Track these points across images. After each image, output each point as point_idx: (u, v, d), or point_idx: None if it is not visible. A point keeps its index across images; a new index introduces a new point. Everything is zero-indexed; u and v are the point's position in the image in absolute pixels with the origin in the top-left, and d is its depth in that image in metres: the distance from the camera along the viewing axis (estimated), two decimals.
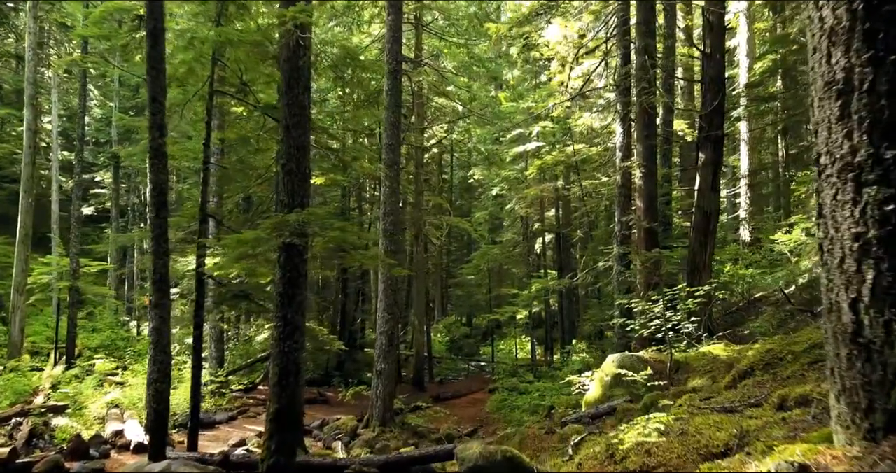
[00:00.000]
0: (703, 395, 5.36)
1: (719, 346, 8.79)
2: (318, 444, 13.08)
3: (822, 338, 5.89)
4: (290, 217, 6.43)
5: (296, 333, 6.88)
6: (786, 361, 5.39)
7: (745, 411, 4.02)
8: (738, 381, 5.67)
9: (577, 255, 27.10)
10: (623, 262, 12.98)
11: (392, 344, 14.53)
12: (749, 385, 5.15)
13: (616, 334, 12.69)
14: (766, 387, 4.86)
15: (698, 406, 4.76)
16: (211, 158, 15.12)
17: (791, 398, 3.50)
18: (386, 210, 14.46)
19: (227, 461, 8.04)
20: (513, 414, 16.57)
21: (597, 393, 8.83)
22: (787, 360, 5.39)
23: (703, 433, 3.43)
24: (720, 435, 3.28)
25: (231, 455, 8.38)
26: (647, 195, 12.68)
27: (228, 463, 8.08)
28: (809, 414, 3.13)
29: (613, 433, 4.52)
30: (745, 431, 3.20)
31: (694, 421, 3.79)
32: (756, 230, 24.15)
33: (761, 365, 5.59)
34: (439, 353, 30.16)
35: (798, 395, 3.48)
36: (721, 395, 5.11)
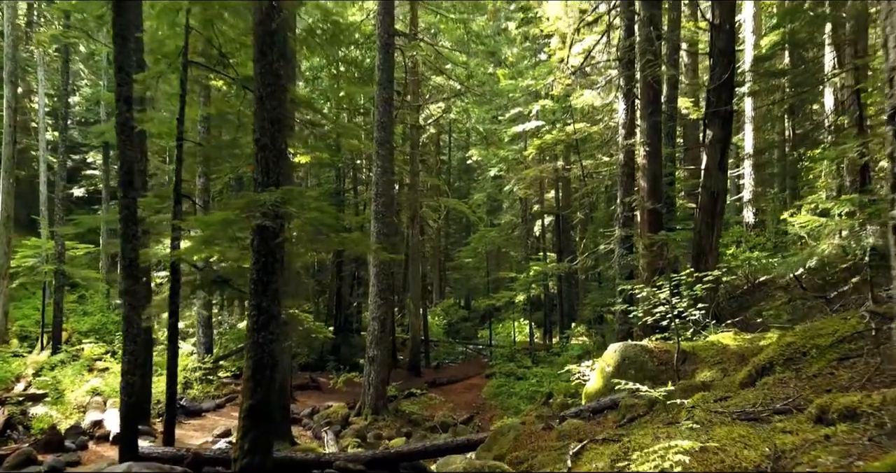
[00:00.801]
0: (718, 394, 4.82)
1: (728, 335, 8.25)
2: (308, 433, 12.62)
3: (849, 331, 5.34)
4: (261, 196, 5.84)
5: (271, 323, 6.32)
6: (810, 356, 4.84)
7: (772, 419, 3.47)
8: (756, 378, 5.12)
9: (576, 238, 26.54)
10: (625, 245, 12.41)
11: (385, 330, 14.02)
12: (770, 384, 4.60)
13: (617, 320, 12.17)
14: (790, 387, 4.31)
15: (714, 408, 4.21)
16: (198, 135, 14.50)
17: (834, 409, 2.95)
18: (378, 191, 13.87)
19: (198, 460, 7.53)
20: (510, 401, 16.12)
21: (597, 384, 8.30)
22: (812, 355, 4.84)
23: (728, 450, 2.89)
24: (749, 455, 2.74)
25: (204, 454, 7.88)
26: (651, 174, 12.07)
27: (200, 461, 7.58)
28: (862, 433, 2.58)
29: (618, 443, 3.97)
30: (779, 451, 2.66)
31: (714, 433, 3.24)
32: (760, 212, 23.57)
33: (781, 360, 5.04)
34: (437, 336, 29.72)
35: (843, 407, 2.93)
36: (738, 395, 4.56)
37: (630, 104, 12.81)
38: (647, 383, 7.74)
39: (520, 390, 16.45)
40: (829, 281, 10.32)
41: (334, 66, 23.48)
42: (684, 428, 3.58)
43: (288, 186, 6.06)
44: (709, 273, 7.90)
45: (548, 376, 16.71)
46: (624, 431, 5.18)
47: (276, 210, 5.94)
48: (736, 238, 20.60)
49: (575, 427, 6.81)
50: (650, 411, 6.33)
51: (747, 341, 7.73)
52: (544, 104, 21.12)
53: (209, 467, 7.91)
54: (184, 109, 8.71)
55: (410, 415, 14.56)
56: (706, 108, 11.82)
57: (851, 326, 4.91)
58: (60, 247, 18.80)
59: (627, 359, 8.00)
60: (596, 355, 16.55)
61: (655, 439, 3.58)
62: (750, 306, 13.78)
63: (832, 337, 4.89)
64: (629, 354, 8.03)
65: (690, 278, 7.95)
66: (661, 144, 12.71)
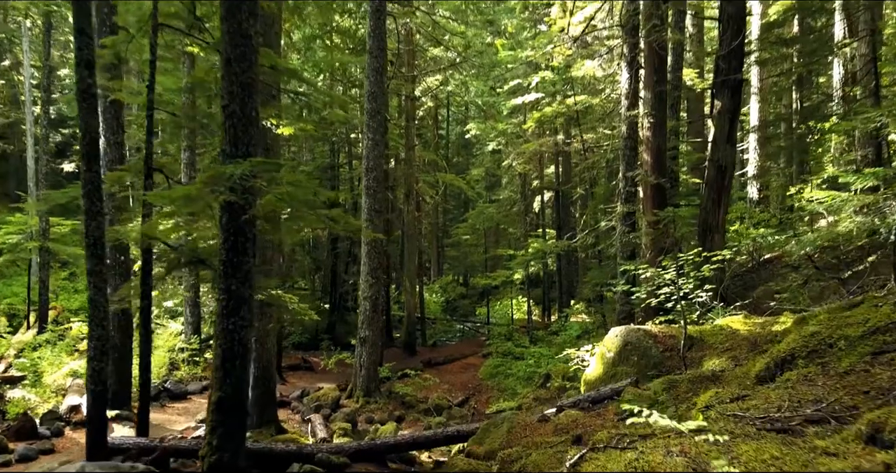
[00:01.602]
0: (733, 390, 4.28)
1: (737, 319, 7.72)
2: (296, 417, 12.19)
3: (883, 320, 4.80)
4: (226, 169, 5.25)
5: (242, 308, 5.78)
6: (837, 348, 4.30)
7: (805, 431, 2.93)
8: (776, 372, 4.59)
9: (576, 214, 25.96)
10: (627, 222, 11.83)
11: (377, 310, 13.52)
12: (794, 381, 4.07)
13: (619, 300, 11.65)
14: (818, 386, 3.78)
15: (731, 410, 3.67)
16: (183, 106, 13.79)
17: (891, 427, 2.41)
18: (369, 165, 13.24)
19: (164, 455, 7.05)
20: (506, 382, 15.70)
21: (597, 371, 7.80)
22: (840, 347, 4.30)
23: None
24: None
25: (179, 445, 7.40)
26: (656, 147, 11.45)
27: (170, 454, 7.11)
28: None
29: (623, 452, 3.44)
30: None
31: (740, 450, 2.71)
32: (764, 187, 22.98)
33: (804, 352, 4.50)
34: (434, 314, 29.30)
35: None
36: (757, 394, 4.03)
37: (634, 73, 12.12)
38: (651, 371, 7.25)
39: (517, 371, 16.02)
40: (843, 259, 9.77)
41: (327, 36, 22.67)
42: (701, 440, 3.04)
43: (259, 158, 5.45)
44: (717, 253, 7.34)
45: (545, 356, 16.28)
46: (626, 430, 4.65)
47: (244, 184, 5.35)
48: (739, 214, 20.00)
49: (573, 419, 6.31)
50: (655, 404, 5.82)
51: (758, 326, 7.20)
52: (544, 75, 20.35)
53: (184, 459, 7.46)
54: (154, 76, 8.05)
55: (404, 397, 14.13)
56: (714, 77, 11.15)
57: (885, 315, 4.37)
58: (45, 224, 18.24)
59: (630, 345, 7.48)
60: (595, 335, 16.14)
61: (668, 454, 3.05)
62: (756, 285, 13.27)
63: (863, 327, 4.35)
64: (632, 339, 7.51)
65: (698, 258, 7.39)
66: (666, 116, 12.07)
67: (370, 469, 7.12)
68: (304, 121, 9.77)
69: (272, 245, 10.32)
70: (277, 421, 10.68)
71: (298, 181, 5.64)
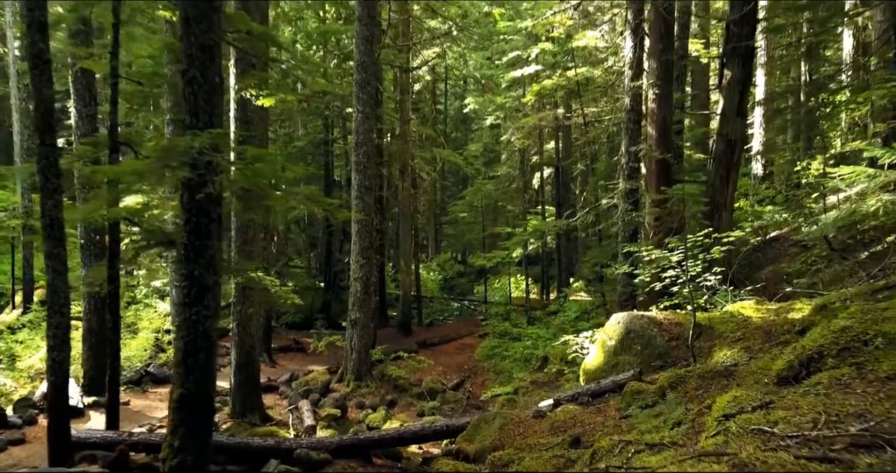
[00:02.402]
0: (754, 395, 3.73)
1: (749, 304, 7.18)
2: (284, 403, 11.73)
3: None
4: (180, 142, 4.65)
5: (206, 296, 5.22)
6: (874, 347, 3.76)
7: (855, 462, 2.39)
8: (800, 371, 4.05)
9: (576, 191, 25.33)
10: (630, 200, 11.23)
11: (368, 291, 12.99)
12: (825, 385, 3.52)
13: (620, 281, 11.10)
14: (856, 394, 3.24)
15: (756, 424, 3.13)
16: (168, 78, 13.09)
17: None
18: (359, 139, 12.59)
19: (124, 456, 6.55)
20: (503, 364, 15.24)
21: (598, 359, 7.29)
22: (877, 345, 3.76)
23: None
24: None
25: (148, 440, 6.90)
26: (661, 120, 10.80)
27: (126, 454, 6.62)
28: None
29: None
30: None
31: None
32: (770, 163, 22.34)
33: (835, 349, 3.95)
34: (432, 292, 28.84)
35: None
36: (782, 400, 3.48)
37: (638, 41, 11.41)
38: (655, 361, 6.73)
39: (514, 352, 15.56)
40: (859, 239, 9.20)
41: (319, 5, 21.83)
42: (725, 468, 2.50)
43: (220, 129, 4.84)
44: (728, 233, 6.76)
45: (543, 338, 15.80)
46: (632, 437, 4.12)
47: (203, 159, 4.76)
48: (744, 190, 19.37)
49: (571, 415, 5.80)
50: (661, 400, 5.30)
51: (772, 312, 6.66)
52: (544, 47, 19.56)
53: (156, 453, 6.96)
54: (117, 41, 7.40)
55: (397, 380, 13.68)
56: (725, 44, 10.48)
57: None
58: (27, 201, 17.65)
59: (633, 333, 6.95)
60: (595, 316, 15.66)
61: None
62: (763, 265, 12.73)
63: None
64: (635, 327, 6.98)
65: (707, 239, 6.82)
66: (671, 87, 11.40)
67: (352, 466, 6.64)
68: (285, 91, 9.11)
69: (254, 224, 9.74)
70: (262, 408, 10.23)
71: (264, 156, 5.03)
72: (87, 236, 10.46)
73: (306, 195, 5.35)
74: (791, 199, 19.67)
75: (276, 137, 26.39)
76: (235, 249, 9.67)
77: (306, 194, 5.48)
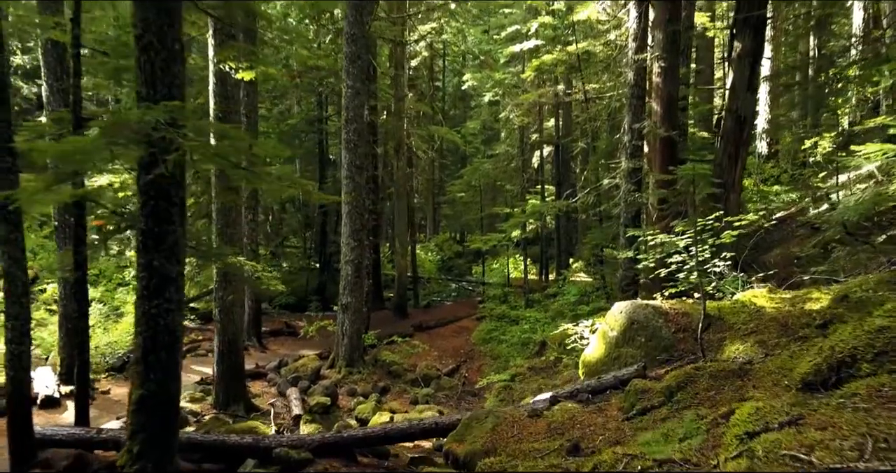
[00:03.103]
0: (779, 408, 3.25)
1: (761, 293, 6.69)
2: (272, 391, 11.31)
3: None
4: (133, 115, 4.11)
5: (168, 288, 4.73)
6: None
7: None
8: (830, 377, 3.56)
9: (577, 169, 24.74)
10: (632, 180, 10.69)
11: (360, 275, 12.51)
12: (864, 397, 3.04)
13: (621, 265, 10.62)
14: None
15: (787, 449, 2.65)
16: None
17: None
18: (349, 116, 12.01)
19: (79, 463, 6.11)
20: (500, 349, 14.83)
21: (599, 351, 6.82)
22: None
23: None
24: None
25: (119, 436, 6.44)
26: (666, 95, 10.23)
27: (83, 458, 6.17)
28: None
29: None
30: None
31: None
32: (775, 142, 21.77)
33: (870, 353, 3.46)
34: (429, 273, 28.40)
35: None
36: (815, 415, 3.00)
37: (644, 11, 10.78)
38: (660, 355, 6.26)
39: (511, 336, 15.14)
40: (876, 222, 8.68)
41: None
42: None
43: (177, 102, 4.30)
44: (742, 217, 6.24)
45: (542, 321, 15.37)
46: (638, 450, 3.66)
47: (155, 136, 4.22)
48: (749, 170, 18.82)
49: (569, 415, 5.35)
50: (668, 402, 4.83)
51: (787, 302, 6.17)
52: (543, 21, 18.86)
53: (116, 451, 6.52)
54: (79, 7, 6.80)
55: (390, 366, 13.27)
56: (736, 13, 9.87)
57: None
58: None
59: (636, 324, 6.48)
60: (595, 299, 15.21)
61: None
62: (771, 248, 12.21)
63: None
64: (638, 317, 6.49)
65: (718, 223, 6.30)
66: (678, 60, 10.79)
67: (335, 466, 6.21)
68: (266, 64, 8.52)
69: (236, 206, 9.22)
70: (247, 398, 9.80)
71: (228, 132, 4.50)
72: (61, 218, 9.95)
73: (278, 176, 4.82)
74: (798, 179, 19.14)
75: (270, 115, 25.75)
76: (217, 232, 9.16)
77: (285, 175, 4.95)
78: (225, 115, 8.91)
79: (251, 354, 13.99)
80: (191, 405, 9.46)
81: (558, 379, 10.85)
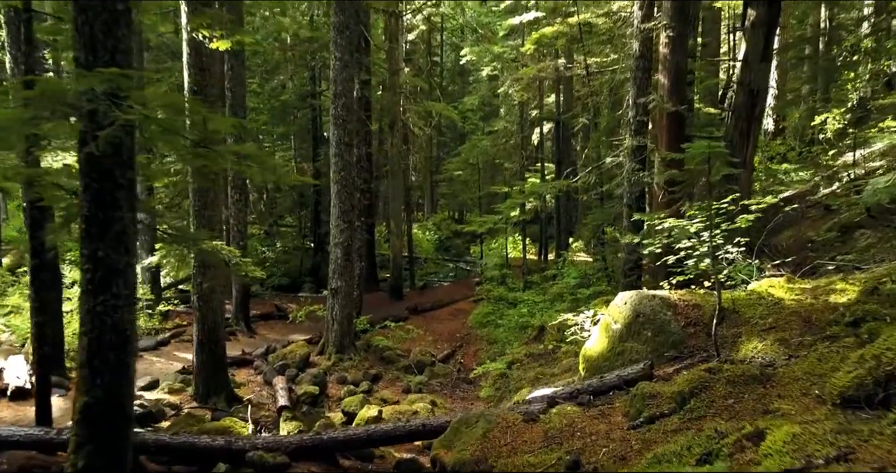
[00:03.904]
0: (820, 434, 2.72)
1: (778, 282, 6.14)
2: (258, 380, 10.84)
3: None
4: (65, 84, 3.54)
5: (115, 281, 4.19)
6: None
7: None
8: (876, 392, 3.03)
9: (577, 147, 24.04)
10: (637, 158, 10.06)
11: (350, 258, 11.97)
12: None
13: (624, 248, 10.05)
14: None
15: None
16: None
17: None
18: (337, 90, 11.35)
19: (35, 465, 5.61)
20: (497, 333, 14.34)
21: (601, 345, 6.29)
22: None
23: None
24: None
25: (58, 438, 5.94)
26: (675, 67, 9.57)
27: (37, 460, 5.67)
28: None
29: None
30: None
31: None
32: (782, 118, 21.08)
33: None
34: (427, 253, 27.87)
35: None
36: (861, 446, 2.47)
37: None
38: (668, 351, 5.72)
39: (509, 320, 14.65)
40: None
41: None
42: None
43: (116, 69, 3.69)
44: (760, 200, 5.66)
45: (540, 305, 14.85)
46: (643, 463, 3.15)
47: (86, 108, 3.63)
48: None
49: (568, 420, 4.84)
50: (679, 410, 4.31)
51: (808, 293, 5.62)
52: None
53: None
54: None
55: (383, 351, 12.79)
56: None
57: None
58: None
59: (642, 316, 5.93)
60: (595, 283, 14.67)
61: None
62: (781, 230, 11.64)
63: None
64: (644, 309, 5.95)
65: (733, 206, 5.72)
66: (687, 29, 10.10)
67: (314, 471, 5.72)
68: (242, 33, 7.87)
69: (214, 186, 8.63)
70: (229, 389, 9.32)
71: (177, 103, 3.90)
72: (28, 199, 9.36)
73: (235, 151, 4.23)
74: (806, 157, 18.49)
75: (262, 91, 24.98)
76: (193, 214, 8.59)
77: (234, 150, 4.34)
78: (200, 89, 8.29)
79: (239, 339, 13.52)
80: (169, 396, 8.99)
81: (557, 368, 10.37)
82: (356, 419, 8.06)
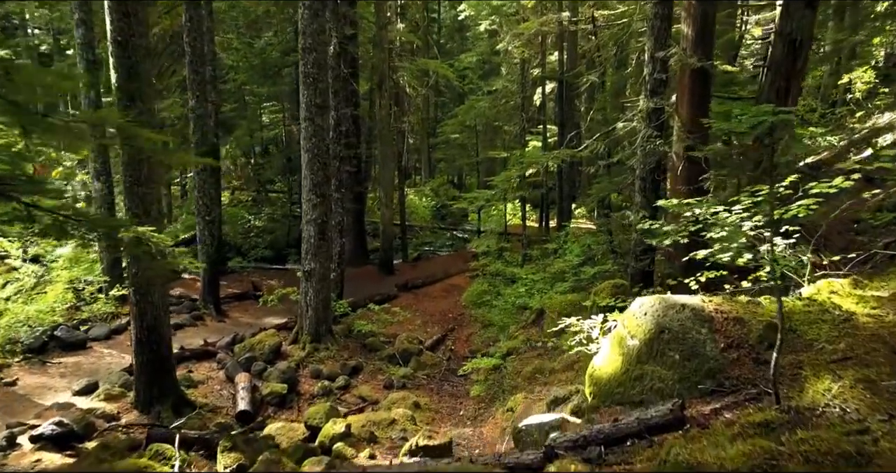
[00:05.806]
0: None
1: (840, 285, 4.77)
2: (220, 375, 9.60)
3: None
4: None
5: None
6: None
7: None
8: None
9: (582, 108, 22.36)
10: (654, 123, 8.57)
11: (325, 237, 10.61)
12: None
13: (635, 228, 8.65)
14: None
15: None
16: None
17: None
18: (306, 44, 9.81)
19: None
20: (492, 315, 13.06)
21: (614, 365, 4.95)
22: None
23: None
24: None
25: None
26: (701, 14, 8.00)
27: None
28: None
29: None
30: None
31: None
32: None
33: None
34: (423, 220, 26.47)
35: None
36: None
37: None
38: (704, 383, 4.39)
39: (506, 301, 13.36)
40: None
41: None
42: None
43: None
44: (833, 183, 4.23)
45: (539, 283, 13.53)
46: None
47: None
48: None
49: None
50: None
51: (888, 305, 4.26)
52: None
53: None
54: None
55: (365, 338, 11.57)
56: None
57: None
58: None
59: (667, 332, 4.58)
60: (601, 262, 13.30)
61: None
62: None
63: None
64: (671, 323, 4.59)
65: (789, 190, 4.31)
66: None
67: None
68: None
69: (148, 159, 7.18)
70: (178, 393, 8.05)
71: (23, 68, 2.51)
72: None
73: (85, 119, 2.84)
74: (830, 119, 16.93)
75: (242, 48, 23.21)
76: (125, 190, 7.20)
77: (86, 118, 2.94)
78: (125, 39, 6.78)
79: (207, 325, 12.27)
80: (106, 404, 7.73)
81: (557, 362, 9.13)
82: (320, 435, 6.83)
